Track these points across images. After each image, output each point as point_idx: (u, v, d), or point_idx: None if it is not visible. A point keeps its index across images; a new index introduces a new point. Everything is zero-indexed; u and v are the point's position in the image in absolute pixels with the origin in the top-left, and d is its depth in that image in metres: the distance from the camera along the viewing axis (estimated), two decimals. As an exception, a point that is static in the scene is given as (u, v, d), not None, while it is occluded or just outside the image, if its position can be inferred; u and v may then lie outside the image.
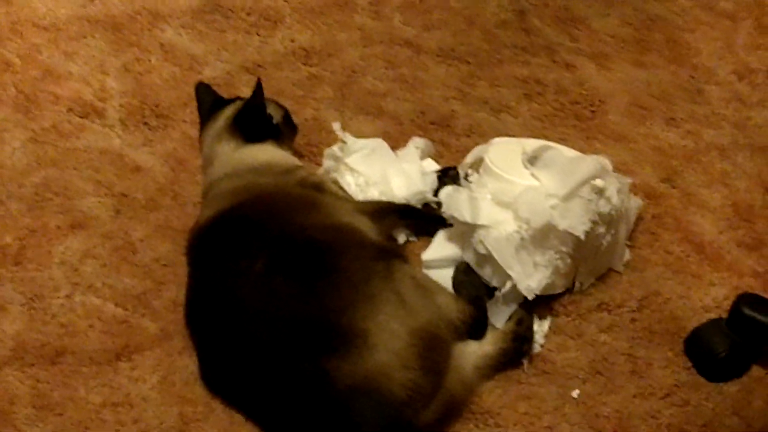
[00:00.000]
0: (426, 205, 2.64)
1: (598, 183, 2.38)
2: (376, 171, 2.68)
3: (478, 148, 2.61)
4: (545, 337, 2.36)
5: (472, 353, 2.23)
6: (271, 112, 2.67)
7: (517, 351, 2.29)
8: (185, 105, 2.95)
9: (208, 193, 2.55)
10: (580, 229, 2.31)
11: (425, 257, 2.52)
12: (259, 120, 2.63)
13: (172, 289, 2.45)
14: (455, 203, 2.42)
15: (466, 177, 2.58)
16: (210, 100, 2.75)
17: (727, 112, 3.03)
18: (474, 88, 3.11)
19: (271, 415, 2.13)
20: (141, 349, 2.33)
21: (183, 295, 2.35)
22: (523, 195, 2.35)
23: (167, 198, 2.70)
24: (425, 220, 2.61)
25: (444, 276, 2.45)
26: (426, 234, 2.60)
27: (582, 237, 2.31)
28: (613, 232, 2.44)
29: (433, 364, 2.10)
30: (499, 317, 2.34)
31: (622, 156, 2.83)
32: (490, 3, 3.41)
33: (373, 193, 2.64)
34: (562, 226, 2.30)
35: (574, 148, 2.63)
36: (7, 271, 2.49)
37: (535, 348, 2.33)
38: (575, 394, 2.26)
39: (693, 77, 3.17)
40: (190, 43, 3.20)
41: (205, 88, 2.79)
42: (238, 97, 2.76)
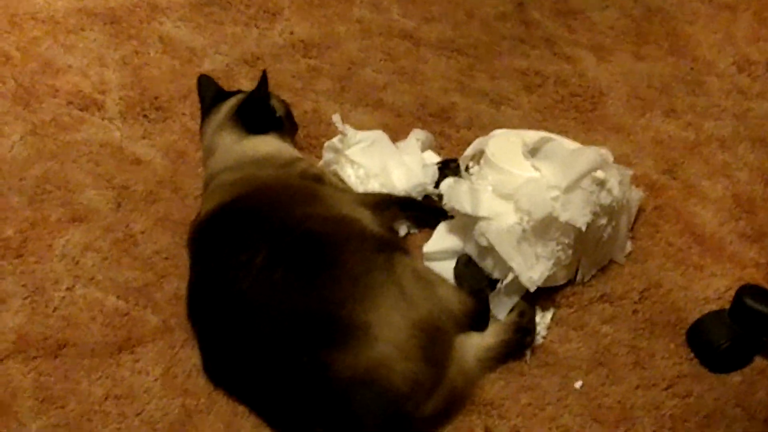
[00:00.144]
0: (427, 197, 2.64)
1: (599, 175, 2.37)
2: (377, 163, 2.67)
3: (479, 140, 2.60)
4: (547, 328, 2.36)
5: (474, 345, 2.23)
6: (275, 105, 2.67)
7: (519, 342, 2.29)
8: (185, 97, 2.94)
9: (208, 185, 2.55)
10: (582, 220, 2.30)
11: (426, 249, 2.52)
12: (262, 111, 2.63)
13: (174, 281, 2.45)
14: (456, 195, 2.42)
15: (467, 169, 2.57)
16: (212, 93, 2.74)
17: (727, 104, 3.04)
18: (474, 81, 3.11)
19: (273, 406, 2.13)
20: (143, 342, 2.33)
21: (184, 288, 2.34)
22: (524, 187, 2.35)
23: (167, 190, 2.69)
24: (426, 212, 2.61)
25: (445, 268, 2.44)
26: (427, 226, 2.59)
27: (583, 229, 2.31)
28: (614, 223, 2.43)
29: (435, 355, 2.10)
30: (501, 309, 2.34)
31: (623, 148, 2.83)
32: (490, -5, 3.42)
33: (374, 185, 2.64)
34: (564, 217, 2.30)
35: (575, 140, 2.63)
36: (8, 264, 2.48)
37: (538, 340, 2.33)
38: (578, 385, 2.26)
39: (693, 69, 3.17)
40: (188, 35, 3.20)
41: (207, 80, 2.78)
42: (240, 90, 2.75)
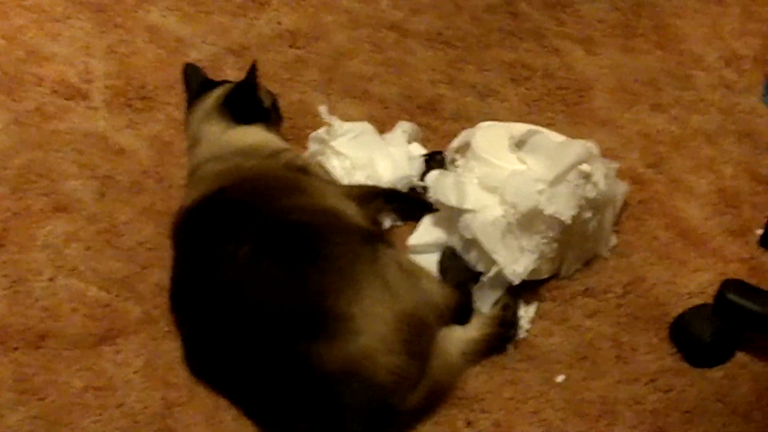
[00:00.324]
0: (412, 189, 2.63)
1: (585, 168, 2.37)
2: (363, 155, 2.66)
3: (465, 132, 2.60)
4: (531, 322, 2.36)
5: (458, 338, 2.23)
6: (262, 96, 2.66)
7: (502, 336, 2.29)
8: (171, 87, 2.92)
9: (193, 174, 2.53)
10: (567, 214, 2.30)
11: (411, 242, 2.51)
12: (250, 102, 2.62)
13: (157, 272, 2.43)
14: (442, 187, 2.41)
15: (453, 161, 2.57)
16: (198, 82, 2.73)
17: (714, 98, 3.03)
18: (461, 73, 3.10)
19: (255, 399, 2.12)
20: (124, 333, 2.31)
21: (167, 279, 2.33)
22: (509, 179, 2.35)
23: (152, 181, 2.68)
24: (411, 204, 2.60)
25: (430, 261, 2.44)
26: (412, 218, 2.58)
27: (568, 222, 2.30)
28: (599, 217, 2.43)
29: (418, 348, 2.09)
30: (485, 302, 2.34)
31: (609, 141, 2.83)
32: (478, -13, 3.41)
33: (359, 177, 2.63)
34: (549, 210, 2.29)
35: (562, 133, 2.62)
36: (-11, 254, 2.47)
37: (521, 333, 2.33)
38: (560, 379, 2.26)
39: (680, 63, 3.17)
40: (176, 24, 3.18)
41: (193, 69, 2.78)
42: (227, 81, 2.74)
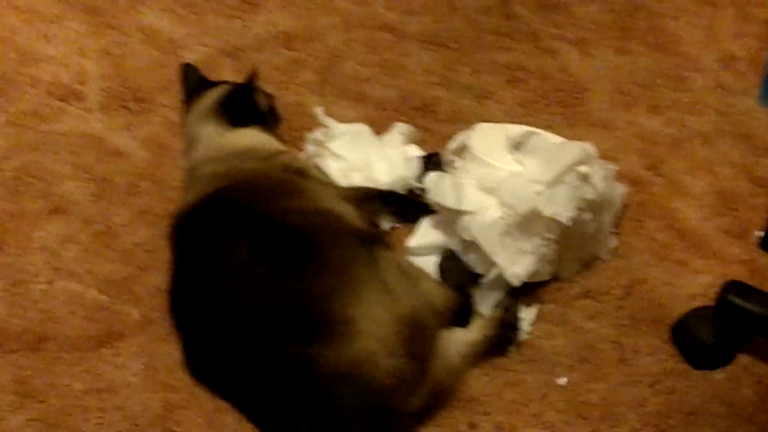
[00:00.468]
0: (410, 191, 2.63)
1: (584, 169, 2.36)
2: (359, 156, 2.66)
3: (462, 133, 2.59)
4: (531, 324, 2.35)
5: (458, 340, 2.22)
6: (260, 99, 2.65)
7: (503, 338, 2.28)
8: (166, 89, 2.92)
9: (190, 176, 2.53)
10: (566, 215, 2.29)
11: (410, 244, 2.51)
12: (247, 105, 2.61)
13: (155, 274, 2.42)
14: (439, 189, 2.41)
15: (451, 163, 2.56)
16: (195, 82, 2.73)
17: (710, 100, 3.03)
18: (457, 74, 3.10)
19: (255, 402, 2.11)
20: (123, 336, 2.30)
21: (166, 281, 2.32)
22: (507, 181, 2.34)
23: (148, 183, 2.67)
24: (409, 206, 2.60)
25: (429, 263, 2.43)
26: (410, 220, 2.58)
27: (567, 224, 2.30)
28: (598, 219, 2.43)
29: (419, 350, 2.08)
30: (485, 304, 2.33)
31: (606, 143, 2.82)
32: (473, -12, 3.40)
33: (356, 179, 2.62)
34: (548, 212, 2.28)
35: (558, 135, 2.62)
36: (-14, 257, 2.46)
37: (522, 335, 2.32)
38: (562, 381, 2.25)
39: (676, 65, 3.17)
40: (170, 26, 3.17)
41: (190, 69, 2.77)
42: (224, 81, 2.74)
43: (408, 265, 2.34)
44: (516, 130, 2.54)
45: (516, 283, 2.30)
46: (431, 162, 2.65)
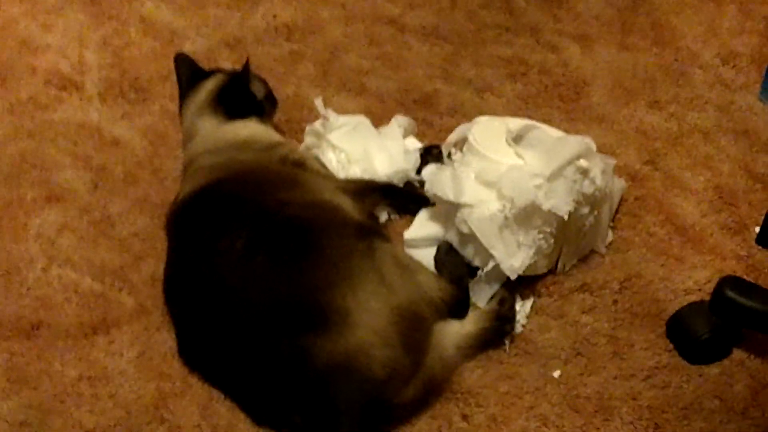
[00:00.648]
0: (408, 183, 2.63)
1: (583, 163, 2.36)
2: (359, 148, 2.65)
3: (462, 126, 2.58)
4: (527, 317, 2.34)
5: (454, 333, 2.21)
6: (255, 89, 2.65)
7: (498, 331, 2.27)
8: (165, 79, 2.92)
9: (188, 167, 2.53)
10: (564, 209, 2.29)
11: (407, 236, 2.50)
12: (243, 97, 2.61)
13: (151, 263, 2.42)
14: (438, 182, 2.40)
15: (450, 155, 2.56)
16: (190, 72, 2.71)
17: (710, 96, 3.02)
18: (457, 68, 3.10)
19: (250, 392, 2.11)
20: (118, 324, 2.30)
21: (161, 270, 2.32)
22: (507, 174, 2.33)
23: (146, 172, 2.67)
24: (407, 198, 2.60)
25: (426, 255, 2.42)
26: (408, 213, 2.58)
27: (565, 217, 2.29)
28: (596, 213, 2.42)
29: (414, 342, 2.08)
30: (482, 297, 2.33)
31: (606, 138, 2.82)
32: (474, -18, 3.40)
33: (355, 171, 2.62)
34: (546, 205, 2.28)
35: (558, 128, 2.61)
36: (-18, 244, 2.46)
37: (517, 328, 2.31)
38: (556, 374, 2.24)
39: (677, 60, 3.16)
40: (170, 16, 3.17)
41: (184, 59, 2.75)
42: (219, 69, 2.73)
43: (405, 258, 2.33)
44: (516, 123, 2.53)
45: (513, 276, 2.29)
46: (430, 154, 2.65)
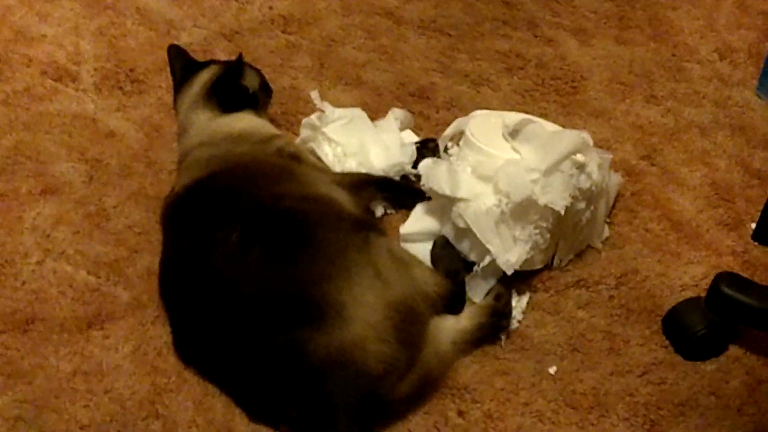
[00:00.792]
0: (404, 177, 2.62)
1: (580, 158, 2.35)
2: (355, 141, 2.64)
3: (459, 120, 2.58)
4: (523, 312, 2.34)
5: (449, 328, 2.21)
6: (249, 82, 2.63)
7: (494, 326, 2.27)
8: (161, 70, 2.90)
9: (183, 160, 2.52)
10: (561, 204, 2.28)
11: (403, 230, 2.49)
12: (236, 89, 2.59)
13: (146, 257, 2.41)
14: (434, 176, 2.39)
15: (446, 149, 2.55)
16: (183, 64, 2.70)
17: (708, 91, 3.02)
18: (454, 61, 3.09)
19: (244, 386, 2.10)
20: (113, 318, 2.29)
21: (157, 264, 2.31)
22: (503, 168, 2.33)
23: (141, 164, 2.66)
24: (403, 192, 2.59)
25: (422, 250, 2.42)
26: (404, 207, 2.57)
27: (562, 212, 2.29)
28: (592, 208, 2.42)
29: (409, 337, 2.08)
30: (477, 292, 2.32)
31: (602, 132, 2.82)
32: (472, -25, 3.39)
33: (351, 164, 2.61)
34: (543, 200, 2.27)
35: (555, 123, 2.61)
36: (-24, 236, 2.44)
37: (513, 324, 2.31)
38: (552, 370, 2.24)
39: (674, 55, 3.16)
40: (166, 7, 3.16)
41: (177, 51, 2.73)
42: (213, 60, 2.72)
43: (401, 252, 2.33)
44: (512, 117, 2.52)
45: (509, 271, 2.28)
46: (427, 148, 2.64)
